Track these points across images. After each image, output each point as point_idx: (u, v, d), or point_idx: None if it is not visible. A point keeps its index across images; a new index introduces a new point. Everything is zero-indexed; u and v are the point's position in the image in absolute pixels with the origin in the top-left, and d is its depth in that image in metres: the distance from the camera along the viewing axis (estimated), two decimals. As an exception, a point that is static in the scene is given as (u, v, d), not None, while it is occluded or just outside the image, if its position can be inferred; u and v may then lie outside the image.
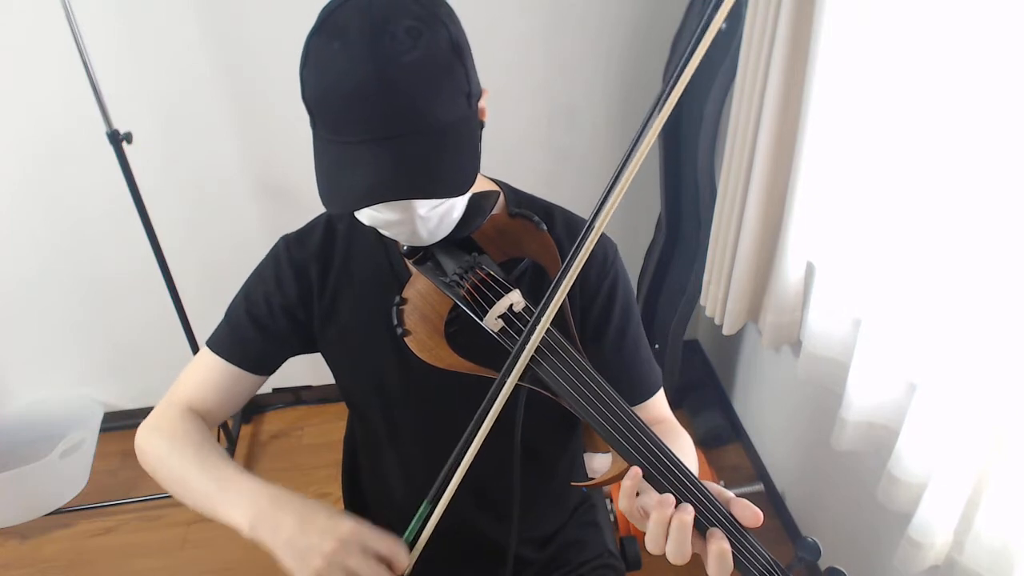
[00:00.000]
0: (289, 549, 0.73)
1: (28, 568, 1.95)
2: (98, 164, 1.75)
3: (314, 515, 0.75)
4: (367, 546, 0.72)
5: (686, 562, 0.63)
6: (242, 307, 0.93)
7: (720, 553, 0.61)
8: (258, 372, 0.94)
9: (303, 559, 0.72)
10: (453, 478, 0.71)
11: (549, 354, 0.70)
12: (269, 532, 0.74)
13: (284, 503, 0.77)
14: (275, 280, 0.92)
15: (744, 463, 2.17)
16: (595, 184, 2.11)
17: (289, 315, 0.92)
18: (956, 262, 1.11)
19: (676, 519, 0.61)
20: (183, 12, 1.68)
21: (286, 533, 0.74)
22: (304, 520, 0.74)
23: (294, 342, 0.95)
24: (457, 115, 0.70)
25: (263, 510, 0.76)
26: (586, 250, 0.69)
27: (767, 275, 1.62)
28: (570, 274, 0.69)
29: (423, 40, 0.66)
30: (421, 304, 0.79)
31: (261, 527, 0.75)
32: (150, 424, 0.92)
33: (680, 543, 0.61)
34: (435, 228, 0.76)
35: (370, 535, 0.73)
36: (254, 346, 0.93)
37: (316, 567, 0.71)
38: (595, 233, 0.69)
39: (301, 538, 0.73)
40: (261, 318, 0.92)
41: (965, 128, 1.07)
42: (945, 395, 1.10)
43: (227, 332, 0.94)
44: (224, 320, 0.95)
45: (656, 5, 1.82)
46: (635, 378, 0.93)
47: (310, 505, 0.76)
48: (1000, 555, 1.06)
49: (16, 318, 2.09)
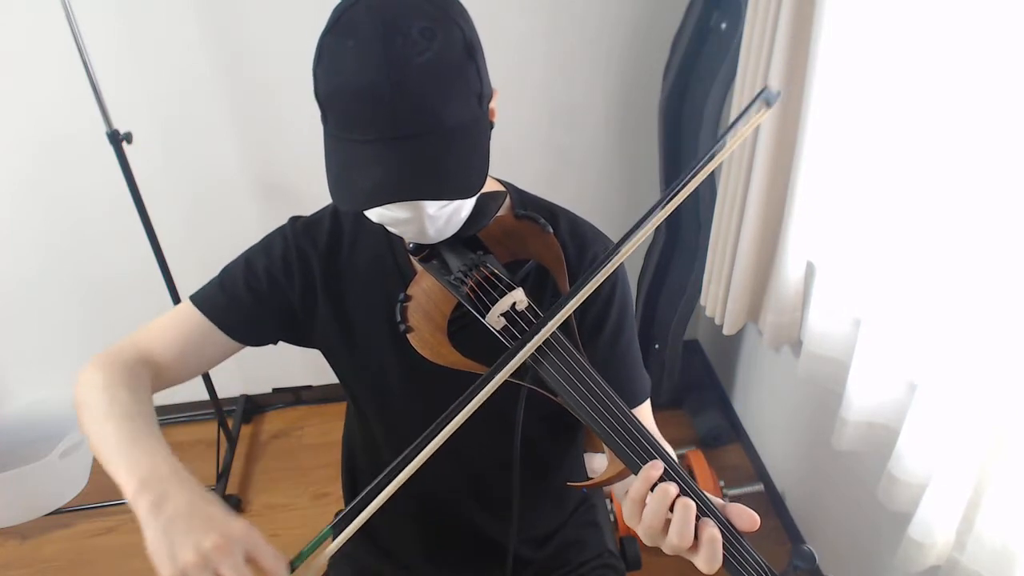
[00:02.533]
0: (164, 531, 0.64)
1: (28, 568, 1.95)
2: (98, 164, 1.75)
3: (208, 504, 0.67)
4: (252, 554, 0.65)
5: (686, 547, 0.62)
6: (240, 272, 0.91)
7: (711, 539, 0.61)
8: (235, 337, 0.91)
9: (173, 547, 0.63)
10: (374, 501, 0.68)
11: (551, 353, 0.70)
12: (151, 503, 0.66)
13: (183, 483, 0.69)
14: (281, 258, 0.91)
15: (744, 463, 2.17)
16: (595, 184, 2.11)
17: (284, 298, 0.91)
18: (956, 262, 1.11)
19: (680, 502, 0.61)
20: (183, 12, 1.68)
21: (170, 510, 0.66)
22: (195, 504, 0.67)
23: (279, 323, 0.93)
24: (468, 117, 0.70)
25: (156, 478, 0.69)
26: (608, 269, 0.69)
27: (767, 275, 1.63)
28: (586, 289, 0.69)
29: (437, 41, 0.66)
30: (425, 302, 0.80)
31: (146, 494, 0.67)
32: (100, 357, 0.88)
33: (684, 522, 0.60)
34: (443, 227, 0.76)
35: (259, 543, 0.66)
36: (241, 310, 0.91)
37: (185, 560, 0.62)
38: (621, 256, 0.69)
39: (184, 521, 0.65)
40: (257, 288, 0.90)
41: (965, 128, 1.07)
42: (945, 395, 1.10)
43: (217, 292, 0.92)
44: (216, 280, 0.93)
45: (656, 5, 1.82)
46: (625, 383, 0.93)
47: (207, 495, 0.69)
48: (1001, 555, 1.06)
49: (16, 318, 2.09)
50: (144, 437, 0.75)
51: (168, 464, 0.71)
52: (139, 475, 0.69)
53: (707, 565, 0.62)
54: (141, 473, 0.69)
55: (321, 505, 2.08)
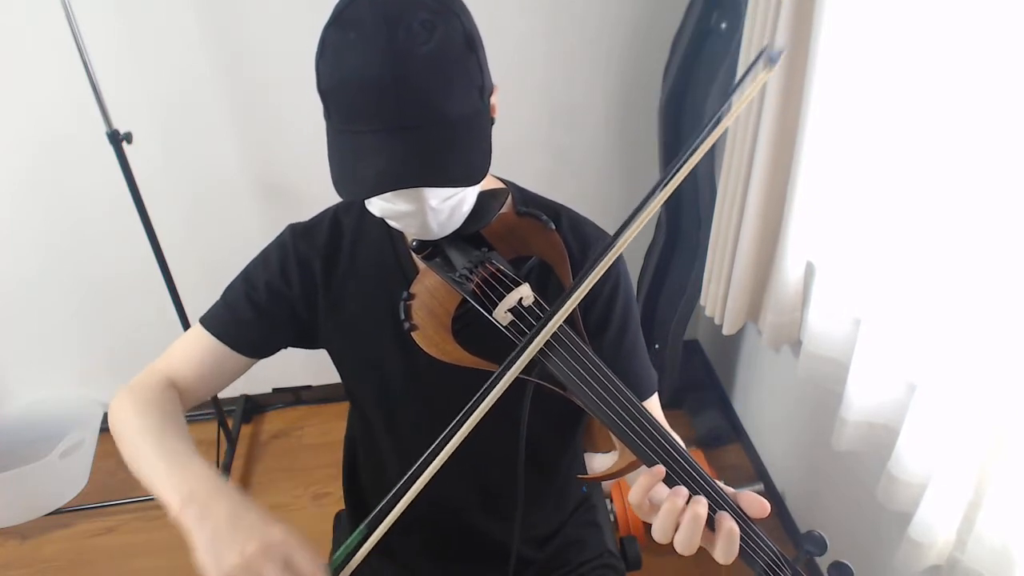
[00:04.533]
0: (210, 541, 0.68)
1: (28, 568, 1.95)
2: (98, 164, 1.75)
3: (247, 512, 0.71)
4: (291, 560, 0.68)
5: (693, 553, 0.64)
6: (241, 289, 0.93)
7: (729, 532, 0.63)
8: (248, 354, 0.94)
9: (219, 554, 0.67)
10: (403, 498, 0.69)
11: (559, 347, 0.71)
12: (196, 517, 0.70)
13: (223, 493, 0.73)
14: (279, 270, 0.92)
15: (744, 463, 2.17)
16: (595, 184, 2.11)
17: (288, 307, 0.92)
18: (956, 262, 1.11)
19: (690, 511, 0.63)
20: (183, 12, 1.68)
21: (213, 522, 0.69)
22: (236, 515, 0.70)
23: (289, 333, 0.95)
24: (470, 109, 0.71)
25: (197, 493, 0.73)
26: (611, 257, 0.69)
27: (767, 275, 1.63)
28: (592, 276, 0.69)
29: (438, 33, 0.67)
30: (428, 300, 0.80)
31: (190, 509, 0.71)
32: (128, 388, 0.91)
33: (691, 534, 0.63)
34: (446, 221, 0.77)
35: (297, 549, 0.69)
36: (247, 328, 0.92)
37: (230, 564, 0.66)
38: (622, 242, 0.69)
39: (227, 531, 0.69)
40: (259, 303, 0.92)
41: (965, 128, 1.07)
42: (945, 395, 1.10)
43: (222, 311, 0.94)
44: (221, 299, 0.95)
45: (656, 5, 1.82)
46: (632, 379, 0.93)
47: (247, 503, 0.73)
48: (1001, 555, 1.06)
49: (16, 318, 2.09)
50: (179, 454, 0.79)
51: (206, 477, 0.75)
52: (181, 493, 0.73)
53: (724, 556, 0.64)
54: (182, 490, 0.73)
55: (321, 505, 2.08)
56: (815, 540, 0.66)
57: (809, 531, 0.66)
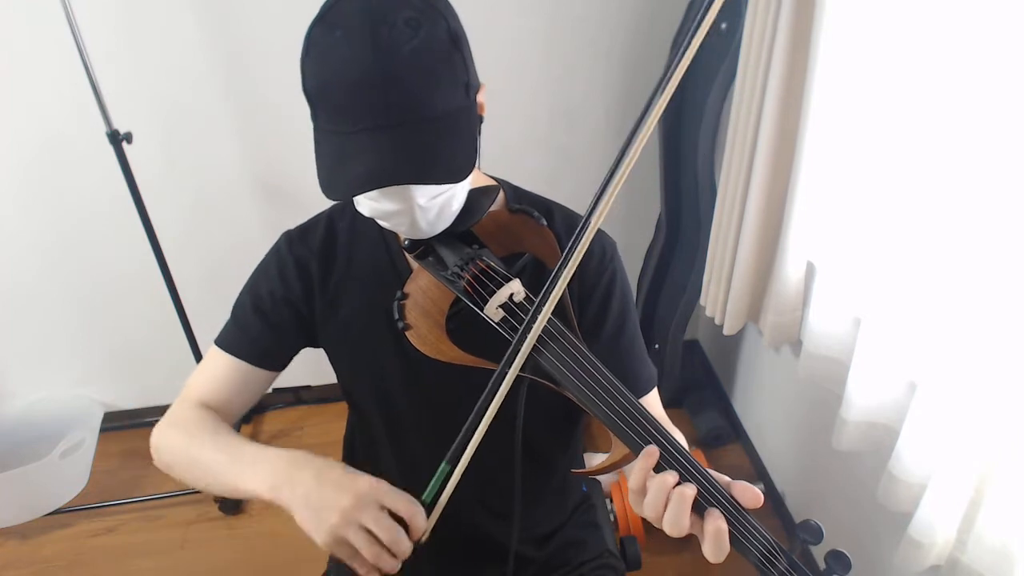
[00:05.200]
0: (306, 506, 0.72)
1: (28, 568, 1.95)
2: (98, 164, 1.75)
3: (331, 470, 0.74)
4: (384, 504, 0.71)
5: (683, 535, 0.64)
6: (247, 303, 0.94)
7: (716, 532, 0.62)
8: (268, 367, 0.95)
9: (319, 516, 0.71)
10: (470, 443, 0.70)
11: (551, 342, 0.71)
12: (287, 491, 0.74)
13: (302, 462, 0.76)
14: (278, 275, 0.92)
15: (744, 463, 2.17)
16: (595, 184, 2.08)
17: (293, 309, 0.93)
18: (956, 262, 1.10)
19: (677, 490, 0.63)
20: (183, 12, 1.68)
21: (303, 488, 0.73)
22: (321, 476, 0.73)
23: (300, 335, 0.96)
24: (455, 104, 0.71)
25: (280, 471, 0.76)
26: (587, 238, 0.70)
27: (767, 275, 1.63)
28: (572, 261, 0.70)
29: (422, 31, 0.67)
30: (422, 299, 0.80)
31: (280, 487, 0.74)
32: (165, 421, 0.92)
33: (678, 513, 0.63)
34: (435, 219, 0.77)
35: (388, 492, 0.72)
36: (262, 341, 0.93)
37: (332, 523, 0.70)
38: (596, 219, 0.70)
39: (317, 493, 0.72)
40: (267, 313, 0.92)
41: (965, 128, 1.07)
42: (945, 395, 1.10)
43: (234, 329, 0.95)
44: (231, 318, 0.96)
45: (656, 5, 1.82)
46: (630, 374, 0.94)
47: (328, 462, 0.76)
48: (1002, 555, 1.06)
49: (16, 318, 2.09)
50: (244, 451, 0.82)
51: (276, 455, 0.78)
52: (267, 482, 0.76)
53: (714, 556, 0.64)
54: (267, 480, 0.76)
55: (321, 505, 2.08)
56: (811, 529, 0.65)
57: (805, 520, 0.66)
